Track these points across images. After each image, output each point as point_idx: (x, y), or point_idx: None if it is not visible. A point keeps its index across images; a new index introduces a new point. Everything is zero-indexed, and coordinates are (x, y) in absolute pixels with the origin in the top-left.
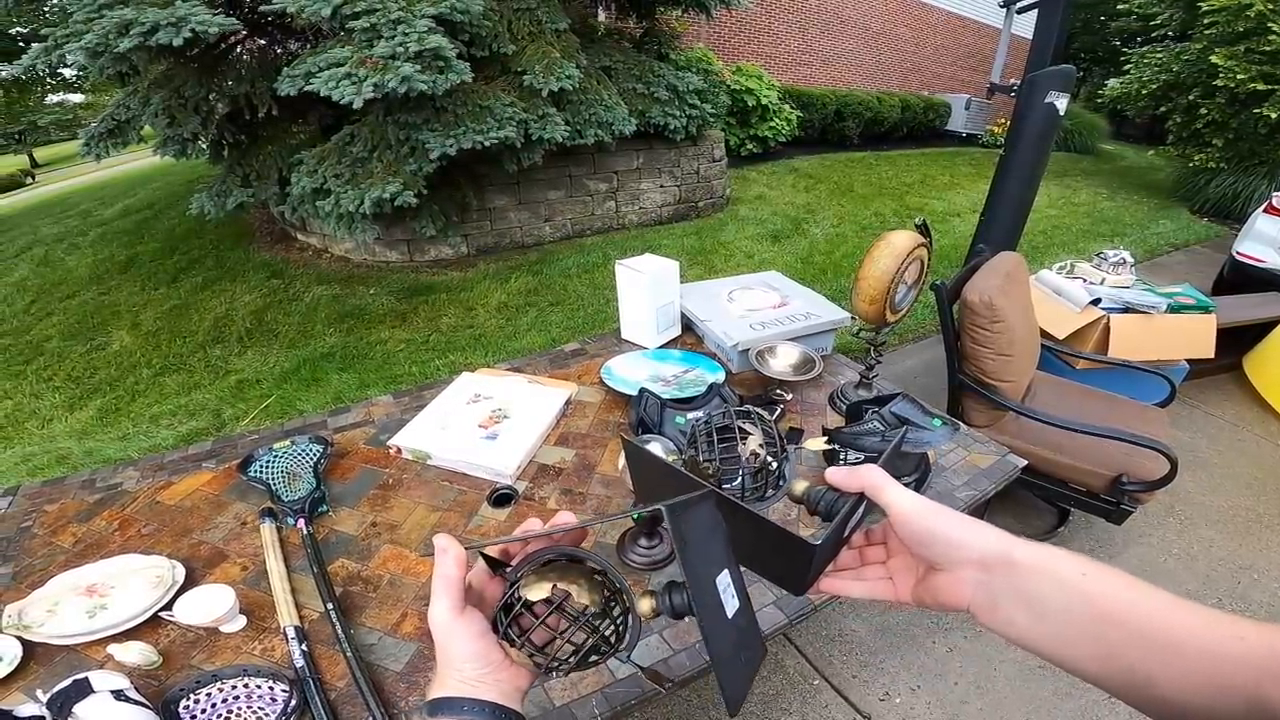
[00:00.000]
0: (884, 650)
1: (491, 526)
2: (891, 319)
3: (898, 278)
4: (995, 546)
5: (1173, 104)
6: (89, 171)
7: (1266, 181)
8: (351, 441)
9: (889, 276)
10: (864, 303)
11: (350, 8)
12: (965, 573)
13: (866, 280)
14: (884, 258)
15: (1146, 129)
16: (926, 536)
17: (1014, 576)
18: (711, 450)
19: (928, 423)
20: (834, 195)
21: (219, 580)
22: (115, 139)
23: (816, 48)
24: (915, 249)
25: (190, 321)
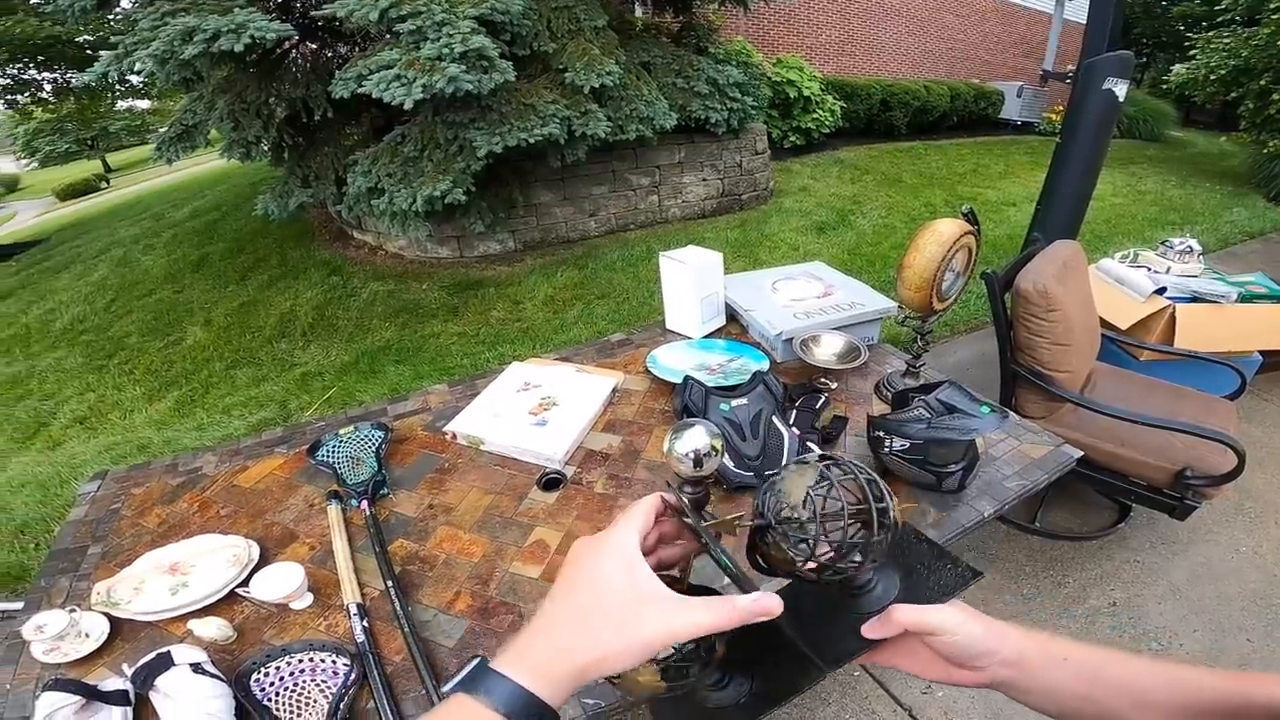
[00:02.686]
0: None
1: (540, 509)
2: (939, 307)
3: (944, 265)
4: (1015, 650)
5: (1244, 90)
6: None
7: None
8: (410, 428)
9: (935, 264)
10: (909, 290)
11: (396, 10)
12: (989, 671)
13: (911, 268)
14: (929, 245)
15: (1218, 115)
16: (961, 654)
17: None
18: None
19: (976, 410)
20: (881, 186)
21: (289, 559)
22: (184, 143)
23: (859, 37)
24: (962, 237)
25: (258, 317)
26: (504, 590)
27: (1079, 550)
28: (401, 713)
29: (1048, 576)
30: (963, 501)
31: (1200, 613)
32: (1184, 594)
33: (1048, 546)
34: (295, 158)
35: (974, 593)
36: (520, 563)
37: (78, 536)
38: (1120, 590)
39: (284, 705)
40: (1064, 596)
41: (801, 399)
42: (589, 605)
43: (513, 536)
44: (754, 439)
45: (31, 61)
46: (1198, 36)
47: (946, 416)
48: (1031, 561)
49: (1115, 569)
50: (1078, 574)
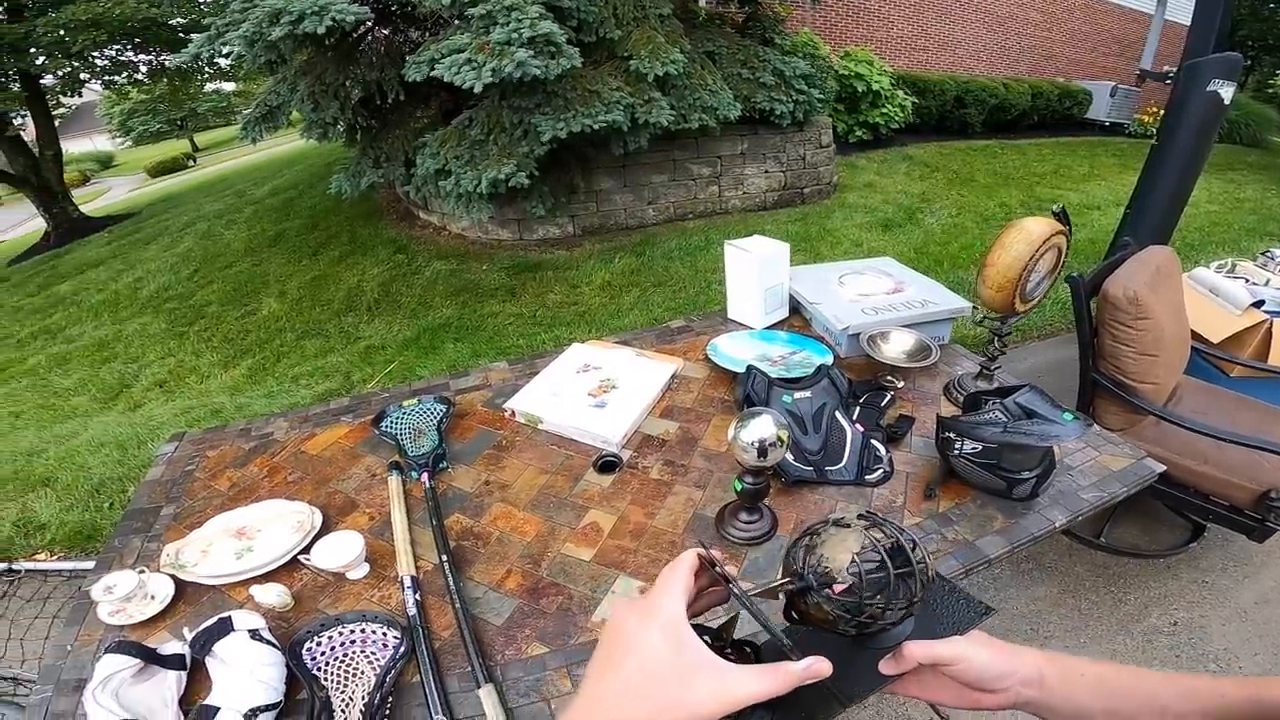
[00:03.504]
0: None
1: (595, 491)
2: (1021, 309)
3: (1030, 266)
4: (1032, 671)
5: None
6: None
7: None
8: (470, 403)
9: (1021, 264)
10: (991, 289)
11: None
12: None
13: (995, 267)
14: (1017, 244)
15: None
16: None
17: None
18: None
19: (1057, 416)
20: (952, 184)
21: (349, 528)
22: (268, 123)
23: (933, 32)
24: (1052, 236)
25: (327, 291)
26: (555, 571)
27: (1144, 568)
28: (446, 689)
29: (1108, 592)
30: (1033, 509)
31: (1264, 636)
32: (1250, 617)
33: (1111, 562)
34: (368, 139)
35: (1026, 605)
36: (572, 544)
37: (153, 497)
38: (1183, 610)
39: (332, 676)
40: (1123, 614)
41: (866, 395)
42: (639, 679)
43: (566, 517)
44: (816, 433)
45: (129, 43)
46: None
47: (1025, 421)
48: (1092, 576)
49: (1180, 589)
50: (1140, 592)
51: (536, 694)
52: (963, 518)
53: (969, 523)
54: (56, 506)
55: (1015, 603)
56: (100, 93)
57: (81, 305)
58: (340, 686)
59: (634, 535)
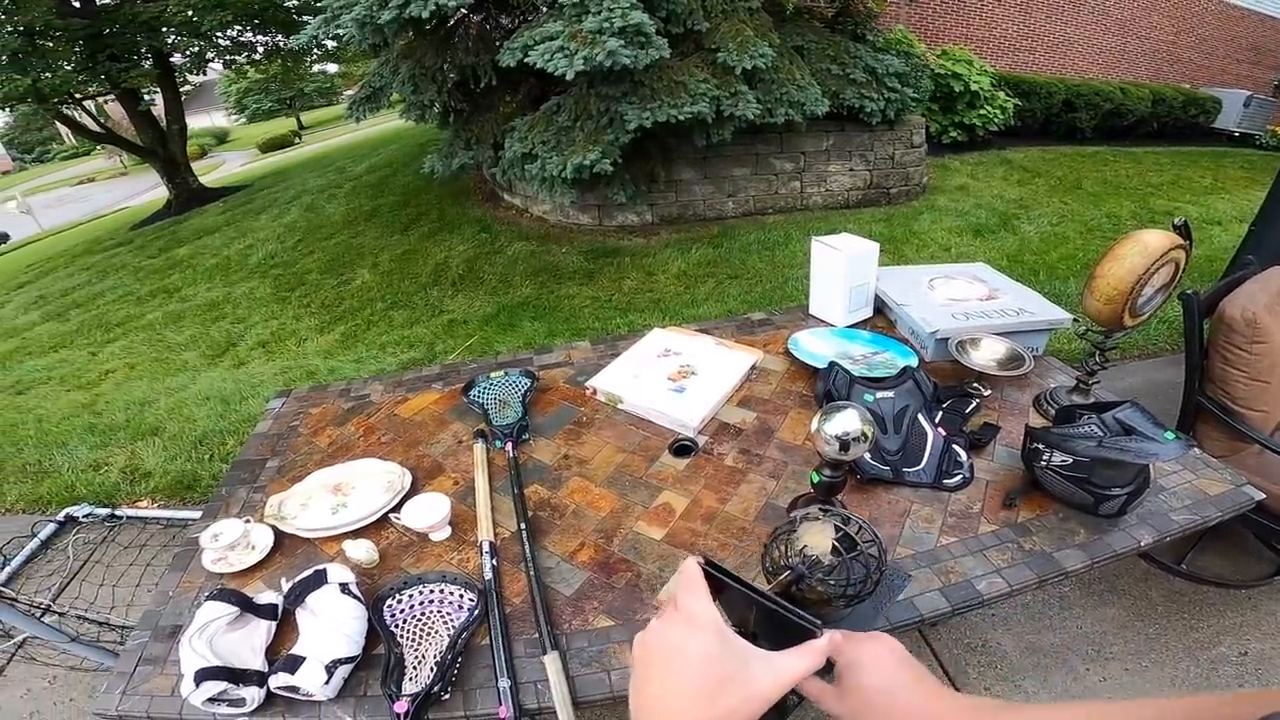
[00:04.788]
0: (1028, 669)
1: (670, 473)
2: (1129, 323)
3: (1144, 279)
4: None
5: None
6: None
7: None
8: (553, 379)
9: (1134, 277)
10: (1099, 301)
11: None
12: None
13: (1106, 278)
14: (1132, 255)
15: None
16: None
17: None
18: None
19: (1158, 434)
20: (1054, 191)
21: (435, 490)
22: (371, 104)
23: (1041, 32)
24: (1171, 250)
25: (416, 265)
26: (626, 548)
27: (1223, 597)
28: (513, 653)
29: (1180, 619)
30: (1118, 527)
31: None
32: None
33: (1188, 589)
34: (460, 122)
35: (1092, 625)
36: (645, 523)
37: (259, 450)
38: (1256, 641)
39: (409, 633)
40: (1192, 641)
41: (950, 401)
42: (702, 678)
43: (640, 496)
44: (896, 434)
45: (249, 25)
46: None
47: (1122, 438)
48: (1166, 602)
49: (1257, 620)
50: (1214, 620)
51: (598, 664)
52: (1042, 529)
53: (1048, 534)
54: (162, 455)
55: (1081, 622)
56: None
57: (196, 268)
58: (415, 644)
59: (705, 519)
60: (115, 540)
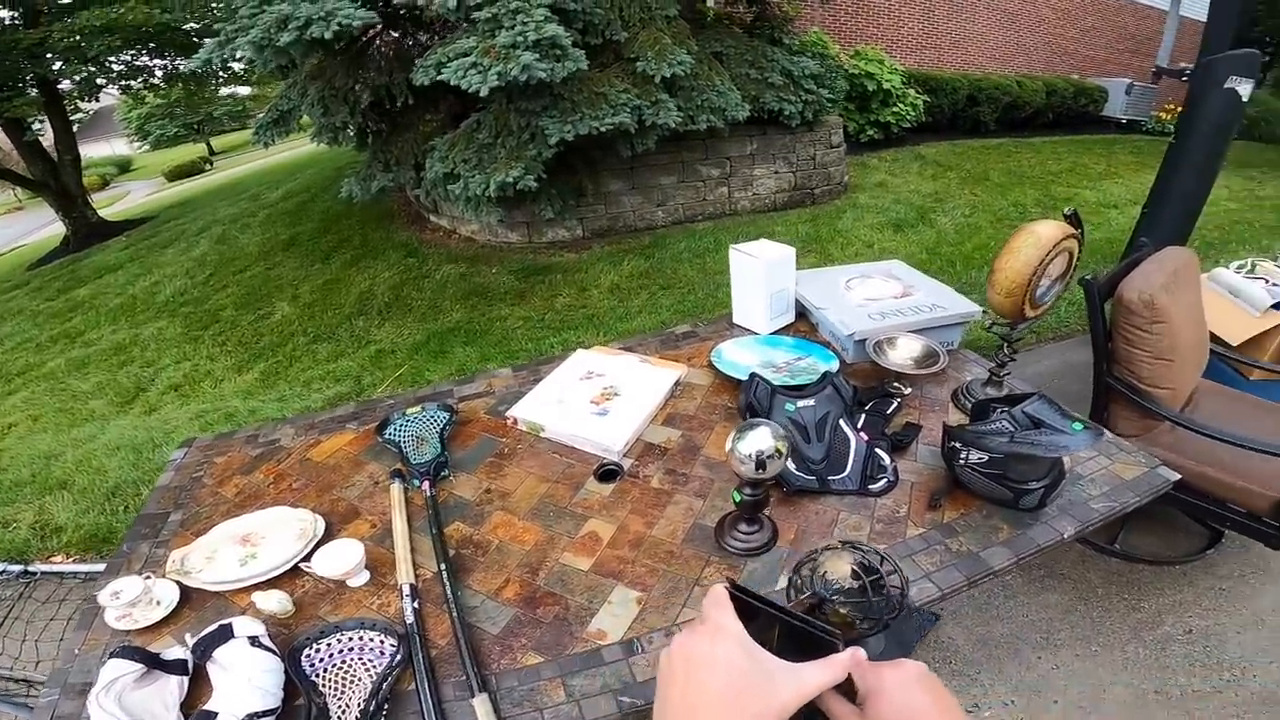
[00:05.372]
0: (982, 662)
1: (595, 500)
2: (1031, 314)
3: (1040, 270)
4: None
5: None
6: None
7: None
8: (473, 410)
9: (1030, 269)
10: (1000, 295)
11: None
12: None
13: (1004, 272)
14: (1026, 248)
15: None
16: None
17: None
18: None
19: (1066, 426)
20: (965, 183)
21: (351, 535)
22: (279, 127)
23: (944, 29)
24: (1063, 240)
25: (339, 295)
26: (552, 580)
27: (1159, 574)
28: (440, 697)
29: (1121, 600)
30: (1041, 520)
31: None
32: (1267, 624)
33: (1125, 569)
34: (378, 143)
35: (1037, 613)
36: (571, 553)
37: (161, 503)
38: (1198, 618)
39: (330, 682)
40: (1136, 621)
41: (872, 403)
42: (727, 687)
43: (566, 526)
44: (819, 442)
45: (144, 48)
46: None
47: (1032, 431)
48: (1106, 583)
49: (1196, 596)
50: (1154, 599)
51: (530, 704)
52: (968, 528)
53: (974, 533)
54: (73, 509)
55: (1027, 610)
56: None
57: (100, 309)
58: (337, 693)
59: (632, 545)
60: (33, 596)
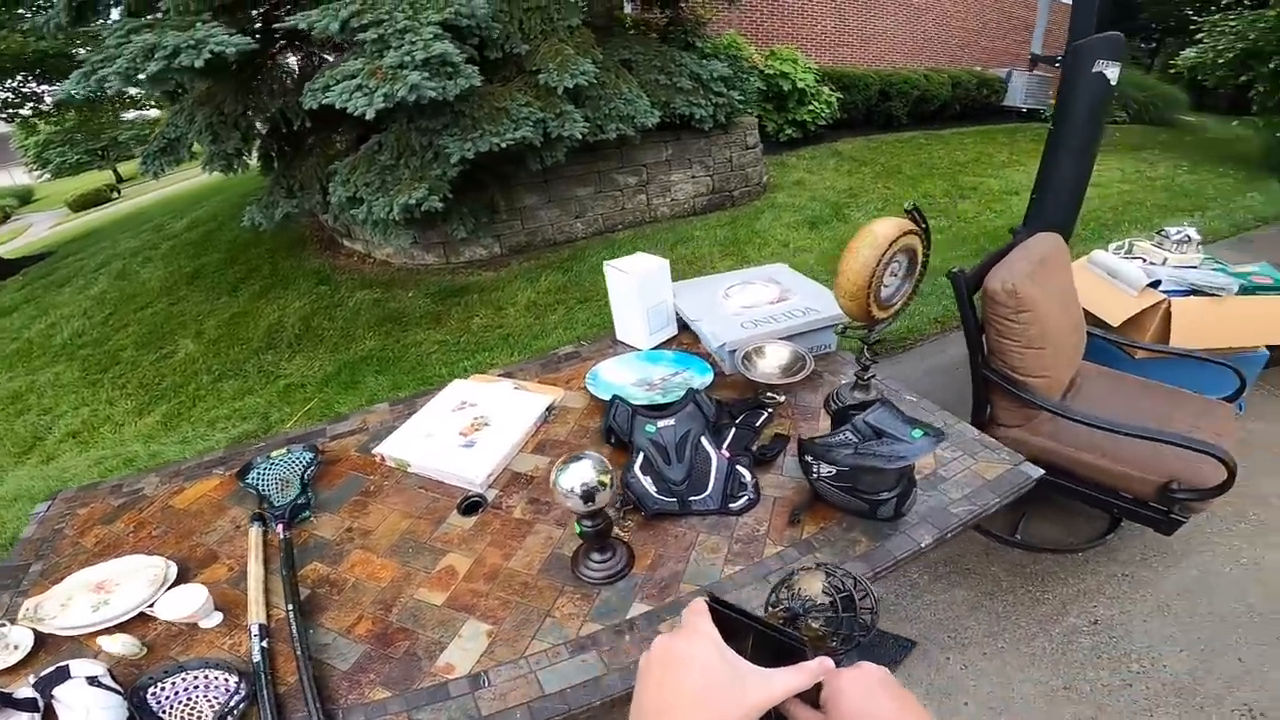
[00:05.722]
0: (891, 666)
1: (456, 534)
2: (880, 316)
3: (880, 270)
4: None
5: (1254, 73)
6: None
7: None
8: (345, 449)
9: (869, 269)
10: (845, 298)
11: (358, 20)
12: None
13: (845, 274)
14: (863, 249)
15: (1231, 99)
16: None
17: None
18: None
19: (905, 433)
20: (879, 178)
21: (208, 579)
22: (168, 156)
23: (854, 27)
24: (901, 237)
25: (247, 329)
26: (405, 616)
27: (1063, 563)
28: None
29: (1025, 592)
30: (899, 530)
31: (1189, 631)
32: (1173, 610)
33: (1027, 560)
34: (281, 168)
35: (944, 610)
36: (426, 589)
37: (24, 554)
38: (1103, 607)
39: (176, 718)
40: (1041, 614)
41: (743, 415)
42: (701, 686)
43: (423, 562)
44: (679, 462)
45: (29, 75)
46: (1204, 20)
47: (874, 441)
48: (1010, 576)
49: (1100, 584)
50: (1059, 589)
51: None
52: (826, 543)
53: (832, 548)
54: None
55: (933, 609)
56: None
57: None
58: None
59: (488, 578)
60: None
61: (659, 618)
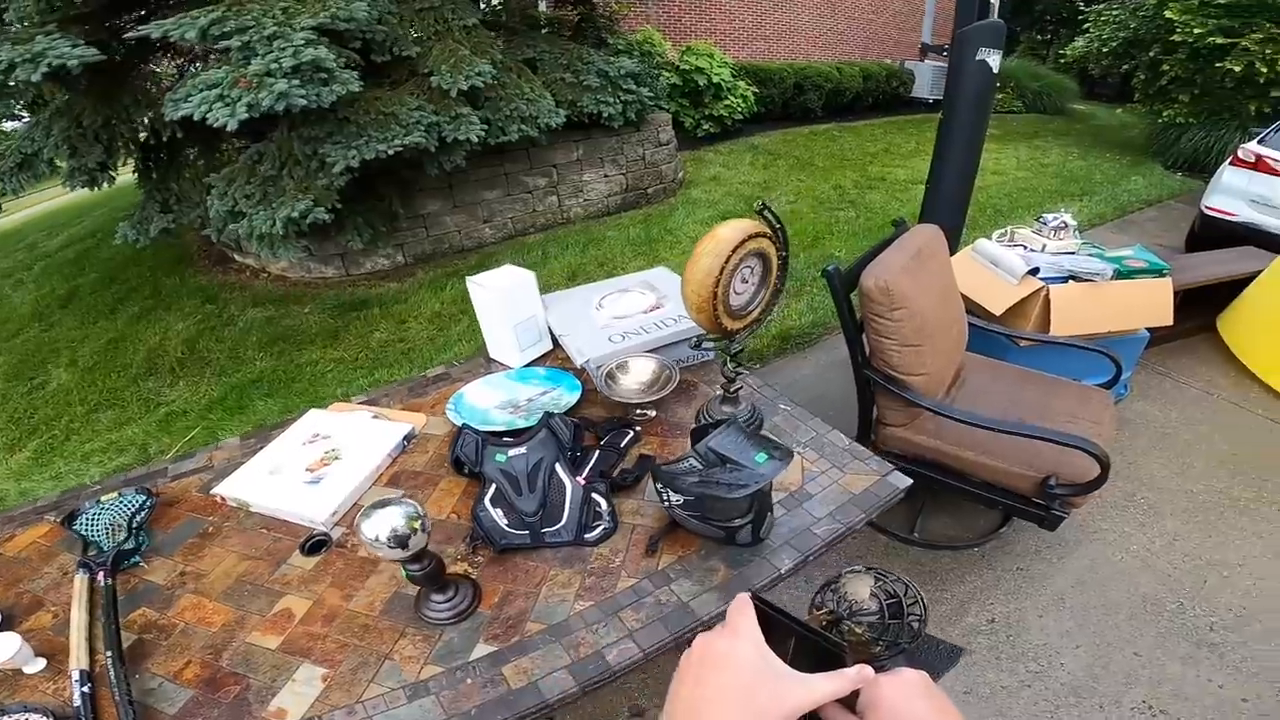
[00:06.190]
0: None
1: (295, 576)
2: (735, 326)
3: (727, 277)
4: None
5: (1135, 61)
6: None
7: (1239, 133)
8: (185, 489)
9: (712, 278)
10: (693, 310)
11: (220, 28)
12: None
13: (688, 284)
14: (704, 256)
15: (1117, 88)
16: None
17: None
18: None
19: (750, 459)
20: (793, 170)
21: (33, 627)
22: (25, 172)
23: (770, 20)
24: (746, 241)
25: (126, 354)
26: (236, 661)
27: (960, 560)
28: None
29: (925, 592)
30: (759, 555)
31: (1084, 626)
32: (1068, 604)
33: (926, 558)
34: (154, 181)
35: None
36: (259, 632)
37: None
38: (1000, 604)
39: None
40: (940, 614)
41: (609, 436)
42: (738, 685)
43: (259, 605)
44: (531, 493)
45: None
46: (1090, 10)
47: (718, 469)
48: (910, 575)
49: (996, 579)
50: (956, 587)
51: None
52: (683, 573)
53: (689, 578)
54: None
55: None
56: None
57: None
58: None
59: (326, 620)
60: None
61: (504, 658)
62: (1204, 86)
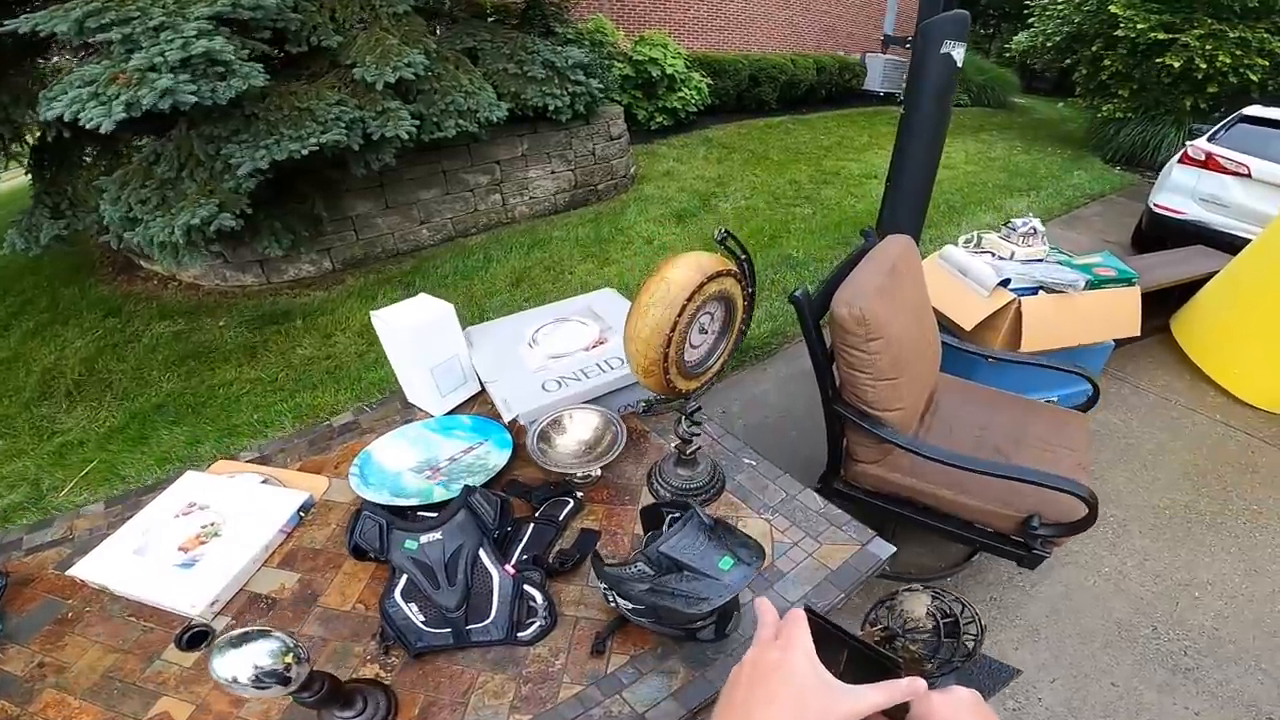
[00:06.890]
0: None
1: (172, 674)
2: (689, 387)
3: (680, 333)
4: None
5: (1077, 56)
6: None
7: (1175, 129)
8: (41, 565)
9: (662, 336)
10: (641, 374)
11: (97, 20)
12: None
13: (633, 343)
14: (652, 307)
15: (1055, 82)
16: None
17: None
18: None
19: (713, 565)
20: (748, 164)
21: None
22: None
23: (726, 11)
24: (705, 284)
25: (17, 376)
26: None
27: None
28: None
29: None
30: (724, 652)
31: (1060, 656)
32: (1043, 635)
33: (897, 589)
34: (43, 185)
35: None
36: None
37: None
38: None
39: None
40: None
41: (544, 506)
42: (790, 695)
43: (132, 706)
44: (451, 586)
45: None
46: (1035, 4)
47: (673, 575)
48: None
49: None
50: None
51: None
52: (637, 677)
53: (643, 683)
54: None
55: None
56: None
57: None
58: None
59: None
60: None
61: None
62: (1142, 82)
